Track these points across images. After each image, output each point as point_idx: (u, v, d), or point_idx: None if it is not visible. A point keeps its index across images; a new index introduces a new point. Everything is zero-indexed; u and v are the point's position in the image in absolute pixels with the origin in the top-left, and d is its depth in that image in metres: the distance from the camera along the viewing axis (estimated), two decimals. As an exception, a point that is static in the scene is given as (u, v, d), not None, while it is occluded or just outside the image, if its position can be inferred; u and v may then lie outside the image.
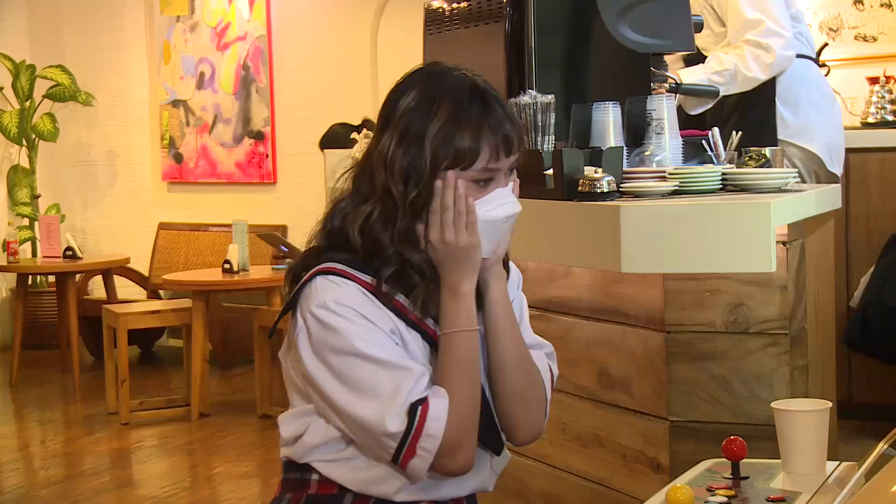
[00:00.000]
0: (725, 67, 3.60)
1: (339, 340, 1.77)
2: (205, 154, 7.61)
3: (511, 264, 2.04)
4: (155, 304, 6.35)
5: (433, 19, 3.25)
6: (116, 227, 8.01)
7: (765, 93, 3.70)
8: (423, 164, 1.80)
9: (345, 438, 1.82)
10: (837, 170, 3.89)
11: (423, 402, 1.75)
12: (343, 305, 1.78)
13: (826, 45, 4.56)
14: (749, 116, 3.69)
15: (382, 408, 1.75)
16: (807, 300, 2.76)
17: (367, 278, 1.82)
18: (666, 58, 3.29)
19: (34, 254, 7.61)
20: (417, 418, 1.74)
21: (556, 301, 3.00)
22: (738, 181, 2.66)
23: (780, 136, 3.75)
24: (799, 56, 3.77)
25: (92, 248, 7.96)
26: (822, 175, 3.83)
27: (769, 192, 2.61)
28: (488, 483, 1.94)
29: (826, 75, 4.09)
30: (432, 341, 1.84)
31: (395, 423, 1.75)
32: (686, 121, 3.58)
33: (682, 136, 2.91)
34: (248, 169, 7.44)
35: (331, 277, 1.80)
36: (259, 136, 7.37)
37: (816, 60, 4.00)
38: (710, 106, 3.66)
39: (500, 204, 1.84)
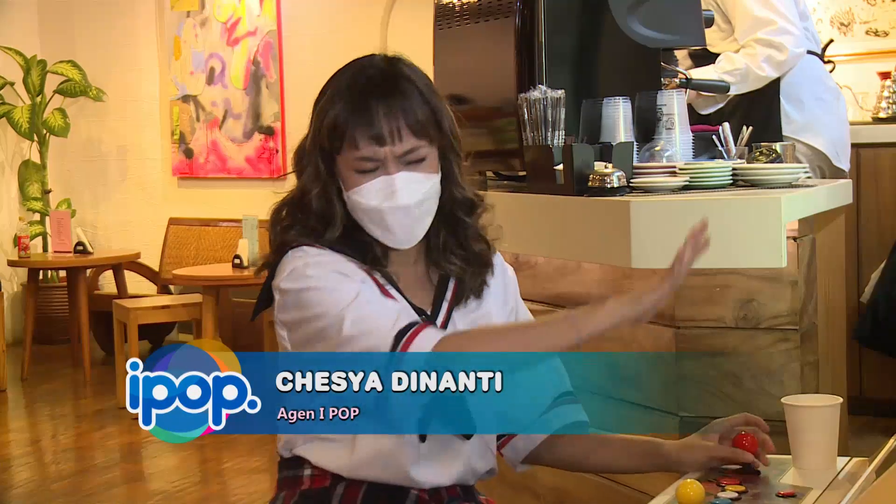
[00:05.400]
0: (736, 67, 3.58)
1: (316, 285, 1.80)
2: (215, 149, 7.62)
3: (505, 265, 2.00)
4: (165, 300, 6.35)
5: (443, 14, 3.26)
6: (127, 222, 8.02)
7: (769, 89, 3.68)
8: (305, 142, 1.84)
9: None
10: (844, 165, 3.88)
11: (415, 326, 1.73)
12: (314, 265, 1.80)
13: (832, 41, 4.55)
14: (753, 113, 3.67)
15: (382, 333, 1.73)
16: (817, 296, 2.75)
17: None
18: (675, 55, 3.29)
19: (45, 249, 7.63)
20: (404, 340, 1.72)
21: (565, 296, 3.00)
22: (749, 176, 2.65)
23: (784, 133, 3.74)
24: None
25: (102, 244, 7.97)
26: (827, 171, 3.82)
27: (780, 188, 2.60)
28: (469, 476, 1.93)
29: (831, 71, 4.08)
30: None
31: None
32: (696, 116, 3.58)
33: (692, 132, 2.91)
34: (258, 164, 7.45)
35: (302, 249, 1.85)
36: (269, 132, 7.37)
37: (822, 57, 4.00)
38: (721, 105, 3.66)
39: (374, 191, 1.80)
